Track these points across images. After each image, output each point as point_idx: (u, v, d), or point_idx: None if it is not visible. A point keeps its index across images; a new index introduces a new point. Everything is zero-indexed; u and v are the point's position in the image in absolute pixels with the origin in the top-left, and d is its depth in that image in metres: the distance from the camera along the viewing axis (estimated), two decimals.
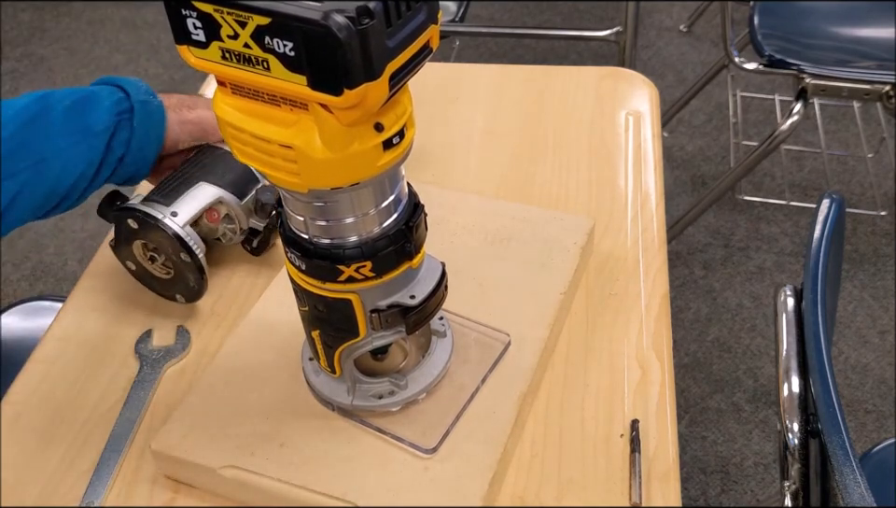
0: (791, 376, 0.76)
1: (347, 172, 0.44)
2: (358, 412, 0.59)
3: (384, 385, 0.58)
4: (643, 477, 0.60)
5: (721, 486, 1.48)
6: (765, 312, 1.76)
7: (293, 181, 0.44)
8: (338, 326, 0.52)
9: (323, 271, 0.49)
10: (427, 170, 0.90)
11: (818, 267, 0.77)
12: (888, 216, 1.94)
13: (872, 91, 1.58)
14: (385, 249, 0.48)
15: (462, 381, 0.61)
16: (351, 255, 0.48)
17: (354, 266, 0.48)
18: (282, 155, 0.43)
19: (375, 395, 0.57)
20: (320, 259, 0.48)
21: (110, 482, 0.62)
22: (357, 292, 0.50)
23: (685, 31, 2.60)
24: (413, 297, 0.51)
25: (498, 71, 1.05)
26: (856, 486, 0.64)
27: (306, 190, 0.45)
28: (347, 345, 0.53)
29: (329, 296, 0.50)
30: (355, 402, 0.57)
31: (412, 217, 0.50)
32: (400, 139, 0.44)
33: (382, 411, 0.58)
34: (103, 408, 0.68)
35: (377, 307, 0.51)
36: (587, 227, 0.75)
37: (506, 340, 0.63)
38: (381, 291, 0.50)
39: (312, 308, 0.52)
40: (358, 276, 0.48)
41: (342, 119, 0.41)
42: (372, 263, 0.48)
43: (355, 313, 0.51)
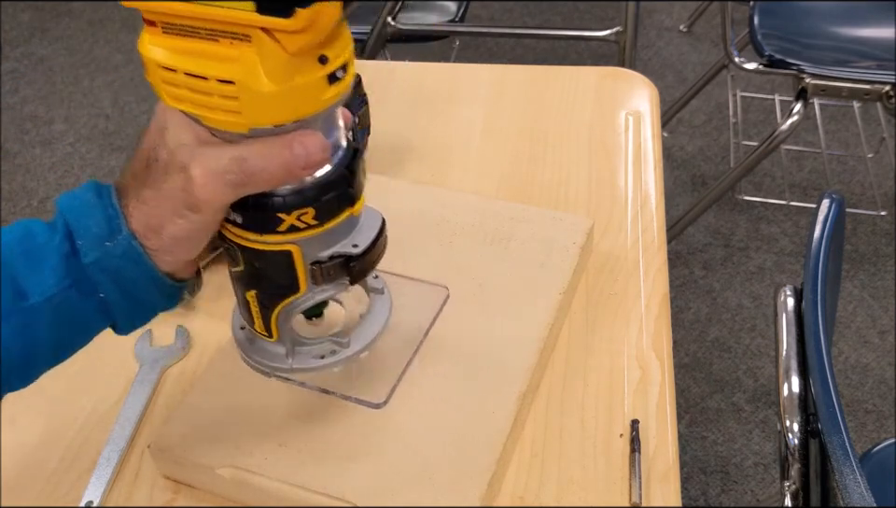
0: (791, 376, 0.76)
1: (291, 107, 0.42)
2: (299, 375, 0.56)
3: (324, 345, 0.54)
4: (643, 477, 0.60)
5: (721, 486, 1.48)
6: (765, 312, 1.76)
7: (233, 120, 0.42)
8: (277, 283, 0.49)
9: (262, 221, 0.46)
10: (426, 170, 0.90)
11: (818, 267, 0.77)
12: (888, 216, 1.94)
13: (872, 91, 1.58)
14: (327, 195, 0.46)
15: (405, 335, 0.59)
16: (292, 202, 0.45)
17: (295, 214, 0.46)
18: (220, 92, 0.41)
19: (316, 356, 0.54)
20: (259, 208, 0.46)
21: (110, 482, 0.62)
22: (297, 243, 0.47)
23: (685, 31, 2.60)
24: (355, 246, 0.49)
25: (498, 71, 1.05)
26: (856, 486, 0.64)
27: (247, 129, 0.42)
28: (286, 302, 0.50)
29: (268, 249, 0.47)
30: (294, 364, 0.54)
31: (353, 160, 0.48)
32: (344, 73, 0.43)
33: (324, 372, 0.55)
34: (103, 408, 0.68)
35: (318, 259, 0.48)
36: (586, 227, 0.75)
37: (445, 293, 0.62)
38: (322, 241, 0.48)
39: (248, 266, 0.49)
40: (300, 225, 0.46)
41: (288, 46, 0.39)
42: (315, 210, 0.46)
43: (295, 266, 0.48)
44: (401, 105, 1.00)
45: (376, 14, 1.71)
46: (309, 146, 0.43)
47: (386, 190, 0.81)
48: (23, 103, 2.45)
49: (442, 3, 1.85)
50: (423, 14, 1.83)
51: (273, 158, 0.43)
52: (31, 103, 2.45)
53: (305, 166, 0.44)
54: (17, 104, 2.45)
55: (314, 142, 0.44)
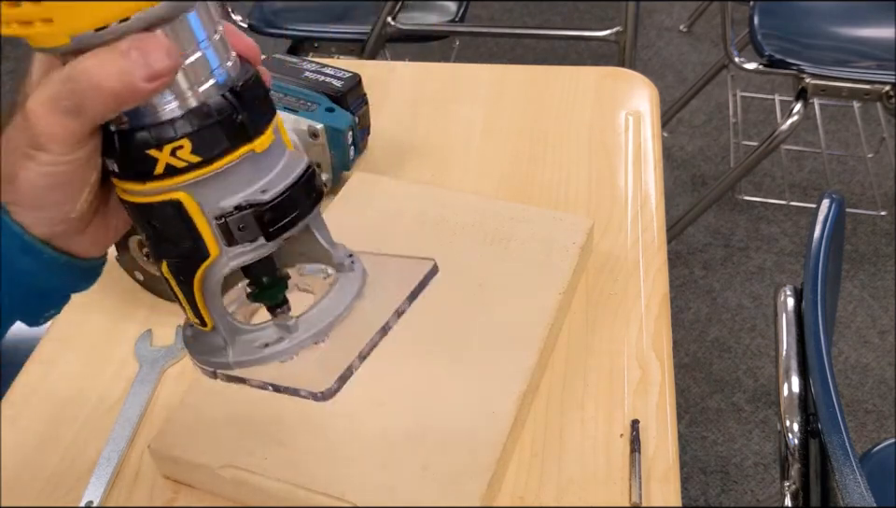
0: (791, 376, 0.76)
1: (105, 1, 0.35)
2: (242, 370, 0.47)
3: (269, 331, 0.46)
4: (643, 477, 0.60)
5: (721, 486, 1.48)
6: (765, 312, 1.76)
7: (49, 32, 0.35)
8: (181, 246, 0.41)
9: (133, 164, 0.39)
10: (427, 170, 0.90)
11: (818, 267, 0.77)
12: (888, 216, 1.94)
13: (872, 91, 1.58)
14: (204, 122, 0.38)
15: (371, 316, 0.49)
16: (161, 133, 0.38)
17: (168, 148, 0.38)
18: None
19: (260, 345, 0.46)
20: (124, 146, 0.38)
21: (110, 482, 0.62)
22: (185, 190, 0.39)
23: (685, 31, 2.60)
24: (264, 191, 0.40)
25: (498, 71, 1.05)
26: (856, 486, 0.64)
27: (67, 39, 0.35)
28: (201, 271, 0.42)
29: (155, 201, 0.39)
30: (236, 357, 0.46)
31: (244, 84, 0.39)
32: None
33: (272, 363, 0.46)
34: (103, 408, 0.68)
35: (222, 211, 0.40)
36: (586, 227, 0.75)
37: (430, 264, 0.51)
38: (221, 187, 0.40)
39: (146, 228, 0.42)
40: (179, 163, 0.38)
41: None
42: (192, 142, 0.38)
43: (193, 220, 0.40)
44: (401, 105, 1.00)
45: (376, 14, 1.71)
46: (149, 49, 0.35)
47: (386, 189, 0.81)
48: None
49: (442, 3, 1.85)
50: (423, 14, 1.83)
51: (105, 70, 0.35)
52: None
53: (149, 76, 0.35)
54: None
55: (154, 44, 0.35)
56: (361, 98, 0.89)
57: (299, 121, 0.81)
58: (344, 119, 0.83)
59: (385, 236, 0.76)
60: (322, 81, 0.87)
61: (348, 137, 0.84)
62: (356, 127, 0.85)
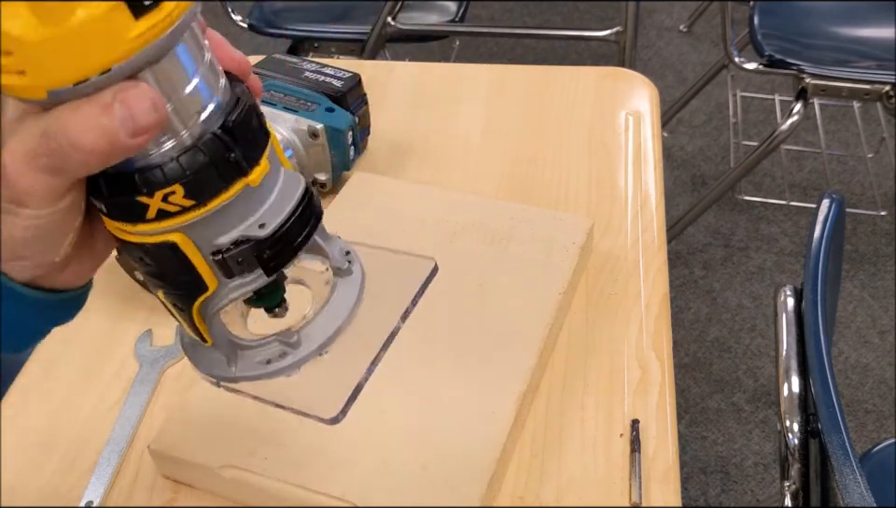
0: (791, 376, 0.76)
1: (83, 53, 0.31)
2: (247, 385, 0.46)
3: (272, 346, 0.44)
4: (643, 477, 0.60)
5: (721, 486, 1.48)
6: (765, 312, 1.76)
7: (23, 84, 0.32)
8: (178, 280, 0.39)
9: (126, 209, 0.36)
10: (427, 170, 0.90)
11: (818, 267, 0.77)
12: (888, 216, 1.94)
13: (872, 91, 1.58)
14: (196, 164, 0.35)
15: (376, 323, 0.48)
16: (150, 179, 0.35)
17: (160, 194, 0.35)
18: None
19: (262, 361, 0.44)
20: (115, 193, 0.35)
21: (110, 482, 0.62)
22: (180, 231, 0.37)
23: (685, 31, 2.60)
24: (262, 226, 0.38)
25: (498, 71, 1.05)
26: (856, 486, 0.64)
27: (44, 93, 0.32)
28: (199, 302, 0.41)
29: (149, 242, 0.37)
30: (239, 372, 0.44)
31: (231, 113, 0.36)
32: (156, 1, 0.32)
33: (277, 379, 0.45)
34: (103, 408, 0.68)
35: (218, 247, 0.38)
36: (586, 227, 0.75)
37: (431, 264, 0.50)
38: (216, 225, 0.37)
39: (140, 262, 0.39)
40: (172, 208, 0.36)
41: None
42: (184, 187, 0.35)
43: (189, 260, 0.38)
44: (401, 105, 1.00)
45: (376, 14, 1.71)
46: (133, 104, 0.32)
47: (386, 189, 0.81)
48: None
49: (442, 3, 1.85)
50: (423, 14, 1.83)
51: (86, 128, 0.32)
52: None
53: (134, 133, 0.32)
54: None
55: (138, 97, 0.32)
56: (361, 98, 0.89)
57: (299, 121, 0.81)
58: (344, 119, 0.83)
59: (385, 236, 0.76)
60: (322, 81, 0.87)
61: (348, 137, 0.84)
62: (356, 127, 0.85)
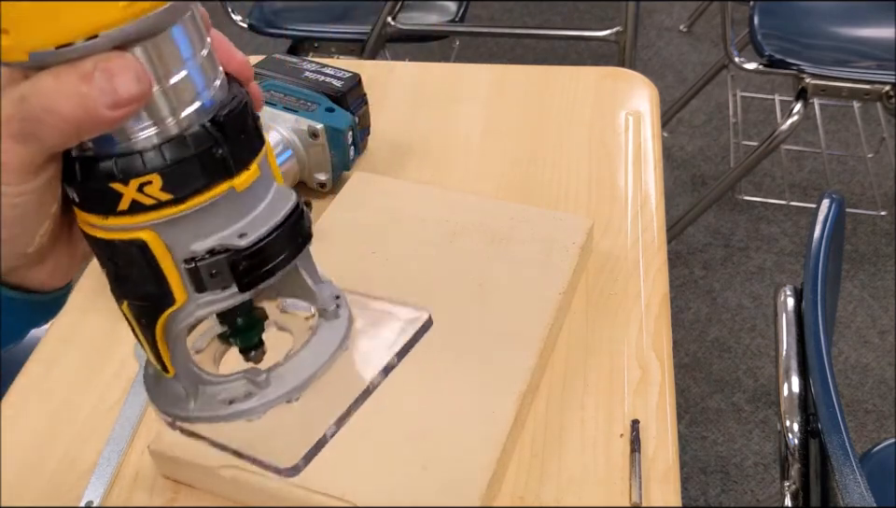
0: (791, 376, 0.76)
1: (70, 13, 0.29)
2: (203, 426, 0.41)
3: (237, 384, 0.40)
4: (643, 477, 0.60)
5: (721, 486, 1.48)
6: (765, 312, 1.76)
7: (5, 45, 0.30)
8: (143, 289, 0.36)
9: (95, 196, 0.34)
10: (427, 170, 0.90)
11: (818, 267, 0.77)
12: (888, 216, 1.94)
13: (872, 91, 1.58)
14: (178, 155, 0.33)
15: (355, 373, 0.43)
16: (127, 166, 0.32)
17: (135, 183, 0.33)
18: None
19: (224, 400, 0.40)
20: (89, 177, 0.33)
21: (110, 482, 0.62)
22: (152, 228, 0.34)
23: (685, 31, 2.60)
24: (242, 236, 0.35)
25: (498, 71, 1.05)
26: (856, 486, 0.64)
27: (25, 54, 0.30)
28: (165, 317, 0.37)
29: (117, 239, 0.34)
30: (198, 410, 0.40)
31: (229, 112, 0.34)
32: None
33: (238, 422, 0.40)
34: (103, 408, 0.68)
35: (193, 254, 0.35)
36: (586, 227, 0.75)
37: (424, 317, 0.46)
38: (193, 228, 0.35)
39: (107, 265, 0.36)
40: (147, 200, 0.33)
41: None
42: (162, 178, 0.33)
43: (159, 264, 0.35)
44: (401, 105, 1.00)
45: (376, 14, 1.71)
46: (116, 74, 0.30)
47: (386, 189, 0.81)
48: None
49: (442, 3, 1.85)
50: (423, 14, 1.83)
51: (64, 94, 0.30)
52: None
53: (113, 105, 0.30)
54: None
55: (121, 66, 0.30)
56: (361, 98, 0.89)
57: (299, 121, 0.81)
58: (344, 120, 0.83)
59: (385, 236, 0.76)
60: (322, 81, 0.87)
61: (348, 137, 0.84)
62: (356, 127, 0.85)
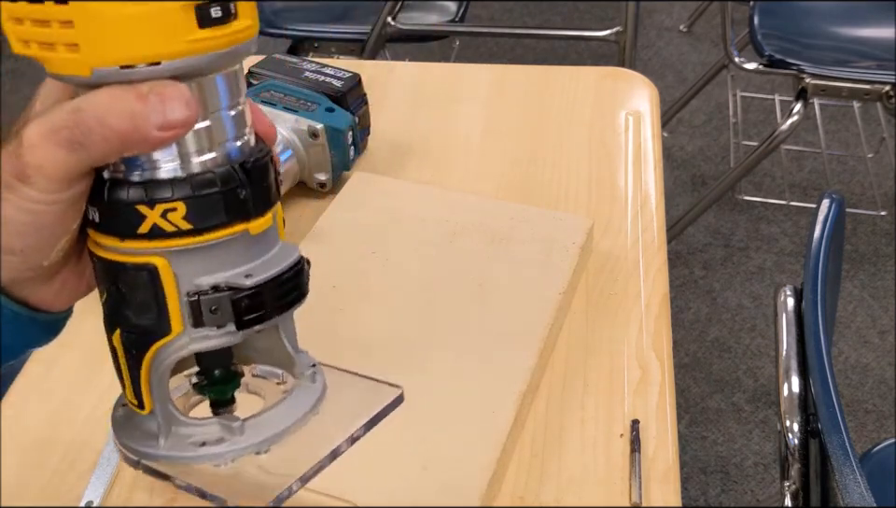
0: (791, 376, 0.76)
1: (141, 39, 0.32)
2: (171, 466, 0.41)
3: (211, 428, 0.41)
4: (643, 477, 0.60)
5: (721, 486, 1.48)
6: (765, 312, 1.76)
7: (72, 59, 0.33)
8: (142, 316, 0.38)
9: (119, 216, 0.35)
10: (427, 170, 0.90)
11: (818, 267, 0.77)
12: (888, 216, 1.94)
13: (872, 91, 1.58)
14: (204, 189, 0.35)
15: (324, 435, 0.45)
16: (154, 189, 0.35)
17: (161, 208, 0.35)
18: (58, 17, 0.32)
19: (196, 442, 0.41)
20: (116, 197, 0.35)
21: (110, 482, 0.62)
22: (166, 256, 0.36)
23: (685, 31, 2.60)
24: (248, 276, 0.37)
25: (498, 71, 1.05)
26: (856, 486, 0.64)
27: (89, 70, 0.33)
28: (156, 348, 0.39)
29: (129, 262, 0.36)
30: (167, 449, 0.40)
31: (254, 162, 0.37)
32: (224, 16, 0.33)
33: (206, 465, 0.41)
34: (103, 408, 0.68)
35: (197, 288, 0.37)
36: (586, 226, 0.75)
37: (397, 392, 0.48)
38: (203, 262, 0.37)
39: (109, 290, 0.38)
40: (168, 226, 0.35)
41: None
42: (187, 207, 0.35)
43: (164, 291, 0.37)
44: (401, 105, 1.00)
45: (376, 14, 1.71)
46: (169, 99, 0.33)
47: (386, 189, 0.81)
48: (24, 102, 2.44)
49: (442, 3, 1.85)
50: (423, 14, 1.83)
51: (119, 109, 0.33)
52: None
53: (162, 126, 0.33)
54: (17, 103, 2.45)
55: (175, 93, 0.33)
56: (361, 98, 0.89)
57: (299, 121, 0.81)
58: (344, 120, 0.83)
59: (385, 236, 0.76)
60: (322, 81, 0.87)
61: (348, 137, 0.84)
62: (356, 127, 0.85)
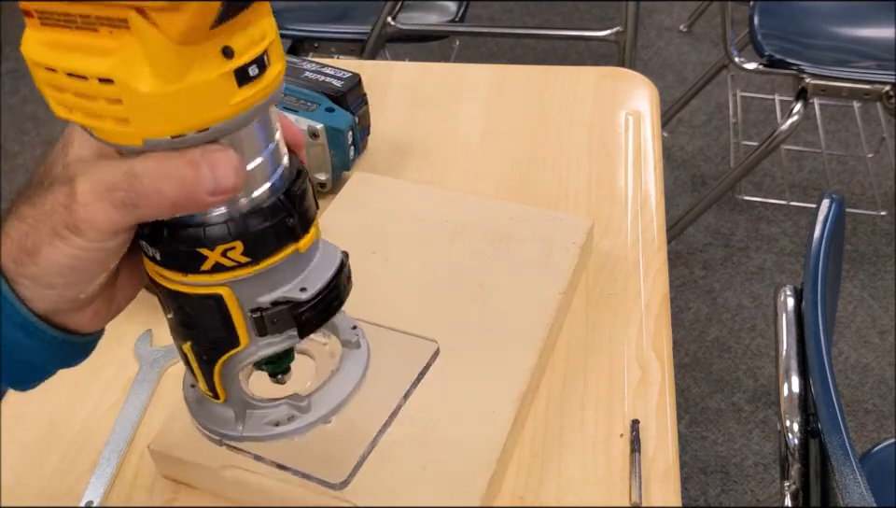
0: (791, 376, 0.76)
1: (189, 111, 0.34)
2: (252, 445, 0.48)
3: (281, 408, 0.46)
4: (643, 477, 0.60)
5: (721, 486, 1.48)
6: (765, 312, 1.76)
7: (122, 131, 0.35)
8: (211, 334, 0.42)
9: (182, 258, 0.39)
10: (427, 170, 0.90)
11: (818, 267, 0.77)
12: (888, 216, 1.94)
13: (872, 91, 1.58)
14: (259, 226, 0.38)
15: (380, 397, 0.51)
16: (215, 234, 0.38)
17: (220, 248, 0.38)
18: (104, 95, 0.34)
19: (271, 422, 0.46)
20: (176, 241, 0.38)
21: (110, 482, 0.62)
22: (229, 285, 0.40)
23: (685, 31, 2.60)
24: (304, 289, 0.41)
25: (498, 71, 1.05)
26: (856, 486, 0.64)
27: (140, 140, 0.35)
28: (227, 357, 0.43)
29: (195, 293, 0.40)
30: (246, 431, 0.46)
31: (293, 184, 0.40)
32: (260, 71, 0.35)
33: (282, 441, 0.47)
34: (103, 408, 0.68)
35: (259, 305, 0.41)
36: (586, 226, 0.75)
37: (434, 347, 0.54)
38: (261, 284, 0.40)
39: (177, 312, 0.42)
40: (228, 263, 0.39)
41: (169, 31, 0.32)
42: (244, 244, 0.38)
43: (230, 314, 0.41)
44: (401, 105, 1.00)
45: (376, 14, 1.71)
46: (219, 166, 0.35)
47: (386, 190, 0.81)
48: (23, 103, 2.45)
49: (442, 3, 1.85)
50: (423, 14, 1.83)
51: (171, 176, 0.35)
52: (31, 103, 2.45)
53: (213, 191, 0.36)
54: (17, 104, 2.45)
55: (224, 161, 0.36)
56: (361, 98, 0.89)
57: (299, 121, 0.81)
58: (344, 120, 0.83)
59: (384, 236, 0.76)
60: (322, 81, 0.87)
61: (348, 137, 0.84)
62: (356, 127, 0.85)
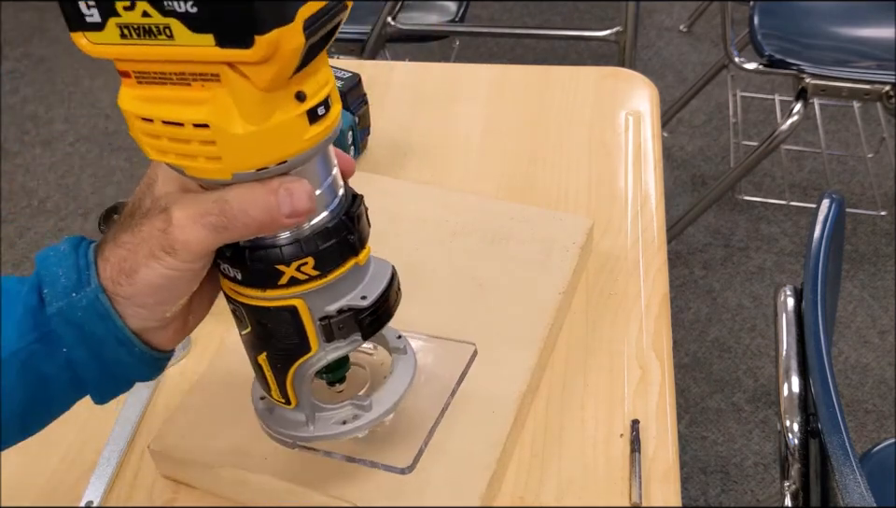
0: (791, 376, 0.76)
1: (271, 147, 0.41)
2: (322, 443, 0.54)
3: (346, 409, 0.53)
4: (643, 477, 0.60)
5: (721, 486, 1.48)
6: (765, 312, 1.76)
7: (214, 168, 0.41)
8: (286, 342, 0.48)
9: (262, 276, 0.45)
10: (427, 170, 0.90)
11: (818, 267, 0.77)
12: (888, 216, 1.94)
13: (872, 91, 1.58)
14: (326, 243, 0.45)
15: (430, 396, 0.58)
16: (290, 252, 0.45)
17: (295, 264, 0.45)
18: (198, 138, 0.40)
19: (338, 422, 0.53)
20: (257, 261, 0.45)
21: (110, 482, 0.62)
22: (302, 297, 0.46)
23: (685, 31, 2.60)
24: (364, 298, 0.48)
25: (498, 71, 1.05)
26: (856, 486, 0.64)
27: (230, 175, 0.41)
28: (299, 363, 0.49)
29: (273, 306, 0.47)
30: (316, 431, 0.53)
31: (352, 206, 0.47)
32: (326, 111, 0.42)
33: (348, 438, 0.53)
34: (103, 408, 0.67)
35: (327, 314, 0.47)
36: (586, 226, 0.75)
37: (471, 349, 0.60)
38: (328, 294, 0.47)
39: (255, 326, 0.48)
40: (301, 276, 0.45)
41: (257, 81, 0.38)
42: (315, 259, 0.45)
43: (303, 322, 0.47)
44: (401, 105, 1.00)
45: (376, 14, 1.71)
46: (295, 192, 0.42)
47: (387, 189, 0.81)
48: (23, 103, 2.45)
49: (442, 3, 1.85)
50: (423, 14, 1.83)
51: (257, 202, 0.42)
52: (31, 103, 2.45)
53: (290, 214, 0.42)
54: (17, 104, 2.45)
55: (299, 189, 0.42)
56: (361, 98, 0.89)
57: None
58: (344, 119, 0.83)
59: (384, 236, 0.76)
60: None
61: (348, 137, 0.84)
62: (356, 127, 0.85)
